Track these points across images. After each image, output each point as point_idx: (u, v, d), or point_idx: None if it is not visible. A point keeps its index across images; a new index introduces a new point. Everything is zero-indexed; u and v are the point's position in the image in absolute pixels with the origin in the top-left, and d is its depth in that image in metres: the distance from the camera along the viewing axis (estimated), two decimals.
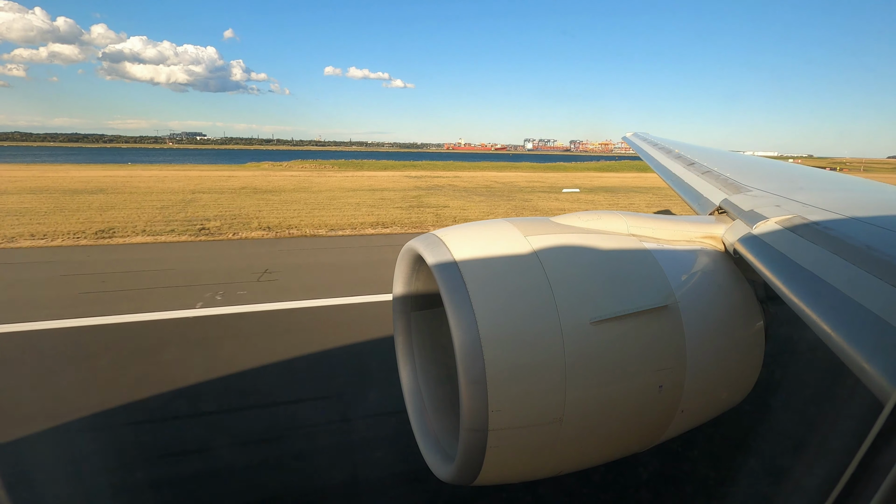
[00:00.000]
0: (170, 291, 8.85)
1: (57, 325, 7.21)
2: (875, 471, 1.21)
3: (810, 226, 2.37)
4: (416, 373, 3.09)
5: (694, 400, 2.45)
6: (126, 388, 5.45)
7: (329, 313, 7.98)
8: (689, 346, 2.35)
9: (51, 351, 6.62)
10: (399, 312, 3.09)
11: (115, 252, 11.99)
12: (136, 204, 18.88)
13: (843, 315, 1.64)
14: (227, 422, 4.96)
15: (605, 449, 2.52)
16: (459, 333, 2.07)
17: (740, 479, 3.73)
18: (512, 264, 2.29)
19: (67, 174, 31.80)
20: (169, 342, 6.79)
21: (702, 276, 2.60)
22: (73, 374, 5.91)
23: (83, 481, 4.15)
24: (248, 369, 5.95)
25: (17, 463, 4.35)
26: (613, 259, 2.47)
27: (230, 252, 12.18)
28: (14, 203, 18.27)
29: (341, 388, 5.63)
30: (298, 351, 6.49)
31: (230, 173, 35.87)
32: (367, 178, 34.30)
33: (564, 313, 2.16)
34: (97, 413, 4.97)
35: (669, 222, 2.84)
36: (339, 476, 4.22)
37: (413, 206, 20.07)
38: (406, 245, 2.68)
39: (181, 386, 5.54)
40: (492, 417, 2.07)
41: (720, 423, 3.03)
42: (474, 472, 2.24)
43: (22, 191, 21.95)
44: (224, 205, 19.15)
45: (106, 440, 4.67)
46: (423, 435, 2.81)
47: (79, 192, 22.02)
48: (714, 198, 3.68)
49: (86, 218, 15.56)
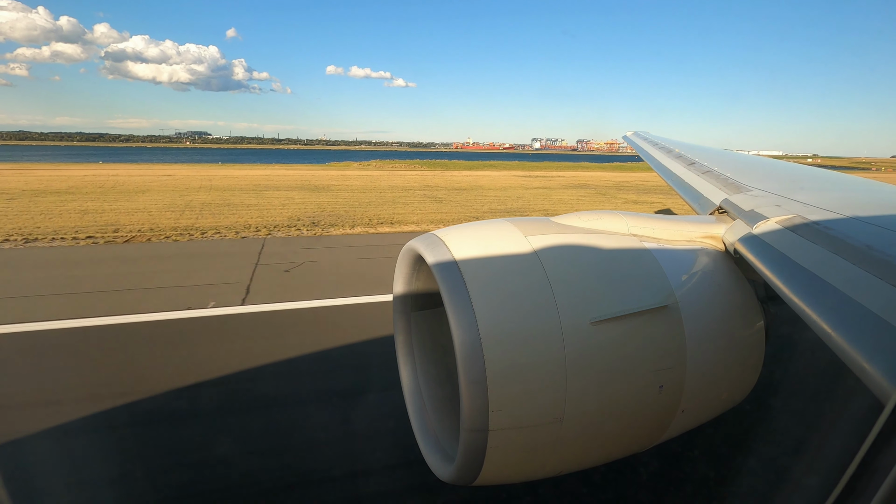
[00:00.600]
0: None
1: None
2: (875, 471, 1.21)
3: (811, 226, 2.37)
4: (417, 373, 3.09)
5: (694, 400, 2.45)
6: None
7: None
8: (689, 346, 2.34)
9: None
10: (399, 312, 3.09)
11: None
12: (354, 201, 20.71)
13: (843, 315, 1.64)
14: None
15: (606, 449, 2.52)
16: (460, 333, 2.07)
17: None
18: (512, 264, 2.29)
19: (181, 173, 32.94)
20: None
21: (702, 276, 2.60)
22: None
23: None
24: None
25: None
26: (614, 259, 2.47)
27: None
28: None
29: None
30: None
31: (338, 172, 38.73)
32: (487, 177, 36.39)
33: (565, 313, 2.16)
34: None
35: (670, 222, 2.84)
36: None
37: (630, 203, 22.30)
38: (406, 245, 2.68)
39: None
40: (492, 417, 2.07)
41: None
42: (475, 473, 2.24)
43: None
44: (410, 203, 20.89)
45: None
46: (424, 435, 2.81)
47: (260, 189, 24.07)
48: (714, 198, 3.68)
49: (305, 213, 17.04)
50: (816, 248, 2.12)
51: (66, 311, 7.56)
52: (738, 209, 3.04)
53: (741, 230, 2.71)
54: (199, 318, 7.54)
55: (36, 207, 16.88)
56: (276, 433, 4.72)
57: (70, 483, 4.09)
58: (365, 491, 4.05)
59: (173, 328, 7.19)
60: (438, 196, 23.25)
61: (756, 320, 2.66)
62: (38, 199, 18.68)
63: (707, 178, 4.53)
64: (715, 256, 2.73)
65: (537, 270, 2.26)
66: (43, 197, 19.45)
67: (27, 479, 4.08)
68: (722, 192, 3.78)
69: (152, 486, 4.05)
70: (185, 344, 6.76)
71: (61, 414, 4.86)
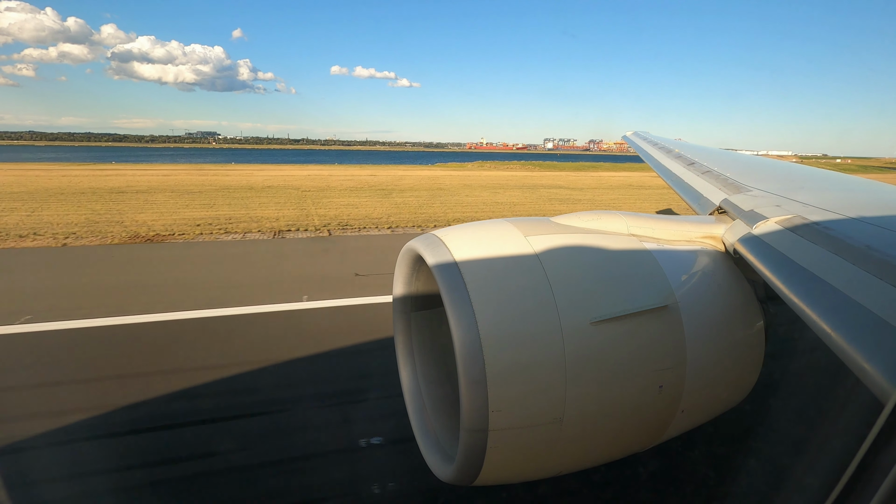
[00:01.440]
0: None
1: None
2: (875, 471, 1.21)
3: (810, 226, 2.37)
4: (417, 373, 3.09)
5: (694, 400, 2.45)
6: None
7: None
8: (689, 346, 2.34)
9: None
10: (399, 312, 3.08)
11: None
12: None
13: (843, 315, 1.64)
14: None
15: (606, 449, 2.52)
16: (459, 333, 2.07)
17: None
18: (512, 264, 2.29)
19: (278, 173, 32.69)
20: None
21: (702, 277, 2.60)
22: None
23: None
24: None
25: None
26: (614, 259, 2.47)
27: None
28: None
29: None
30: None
31: (471, 172, 39.84)
32: (611, 177, 36.94)
33: (565, 313, 2.16)
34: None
35: (669, 222, 2.84)
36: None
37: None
38: (406, 245, 2.68)
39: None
40: (492, 418, 2.07)
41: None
42: (475, 473, 2.24)
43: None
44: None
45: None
46: (424, 435, 2.81)
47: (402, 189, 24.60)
48: (714, 198, 3.68)
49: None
50: (816, 249, 2.12)
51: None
52: (737, 209, 3.04)
53: (741, 230, 2.71)
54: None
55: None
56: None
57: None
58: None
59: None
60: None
61: (756, 320, 2.66)
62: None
63: (707, 178, 4.53)
64: (715, 256, 2.73)
65: (537, 271, 2.26)
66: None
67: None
68: (722, 192, 3.78)
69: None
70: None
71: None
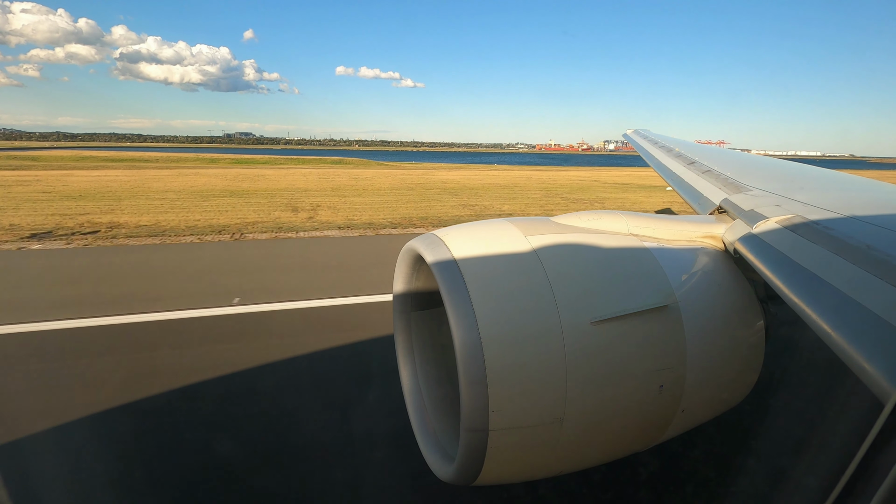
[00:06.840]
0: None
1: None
2: (875, 471, 1.21)
3: (811, 225, 2.37)
4: (416, 373, 3.09)
5: (694, 400, 2.45)
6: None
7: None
8: (689, 345, 2.34)
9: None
10: (399, 312, 3.08)
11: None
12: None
13: (843, 315, 1.64)
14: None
15: (606, 449, 2.52)
16: (460, 333, 2.07)
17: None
18: (512, 264, 2.29)
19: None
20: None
21: (702, 276, 2.60)
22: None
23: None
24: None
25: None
26: (614, 259, 2.47)
27: None
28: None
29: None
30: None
31: (590, 173, 41.82)
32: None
33: (565, 313, 2.16)
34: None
35: (669, 222, 2.84)
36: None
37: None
38: (406, 245, 2.68)
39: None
40: (492, 418, 2.07)
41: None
42: (475, 473, 2.24)
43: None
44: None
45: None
46: (423, 435, 2.81)
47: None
48: (714, 197, 3.68)
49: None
50: (816, 248, 2.12)
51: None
52: (737, 209, 3.04)
53: (741, 230, 2.71)
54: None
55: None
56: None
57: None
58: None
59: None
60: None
61: (756, 320, 2.66)
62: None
63: (707, 177, 4.52)
64: (715, 256, 2.73)
65: (537, 270, 2.26)
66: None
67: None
68: (722, 191, 3.78)
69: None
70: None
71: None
